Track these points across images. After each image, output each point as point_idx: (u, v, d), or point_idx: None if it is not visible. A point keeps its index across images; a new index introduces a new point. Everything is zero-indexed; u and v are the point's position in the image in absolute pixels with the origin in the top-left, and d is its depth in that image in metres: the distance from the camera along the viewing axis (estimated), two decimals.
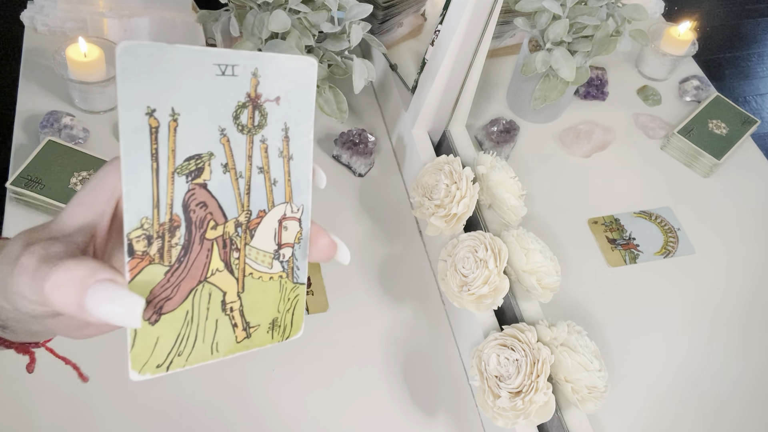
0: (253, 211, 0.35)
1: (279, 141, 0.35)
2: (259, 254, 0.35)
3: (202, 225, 0.33)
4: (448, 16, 0.84)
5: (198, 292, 0.33)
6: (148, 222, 0.31)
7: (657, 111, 1.08)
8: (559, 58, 0.89)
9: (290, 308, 0.38)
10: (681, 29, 1.09)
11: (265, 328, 0.36)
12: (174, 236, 0.32)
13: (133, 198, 0.30)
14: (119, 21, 1.00)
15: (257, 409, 0.72)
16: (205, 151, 0.32)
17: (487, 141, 0.96)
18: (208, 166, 0.32)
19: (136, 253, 0.31)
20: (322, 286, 0.82)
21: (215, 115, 0.32)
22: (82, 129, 0.89)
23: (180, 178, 0.31)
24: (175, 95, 0.30)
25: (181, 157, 0.31)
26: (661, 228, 0.91)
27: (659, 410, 0.76)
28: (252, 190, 0.34)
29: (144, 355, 0.32)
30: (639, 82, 1.12)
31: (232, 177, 0.33)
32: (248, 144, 0.34)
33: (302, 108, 0.35)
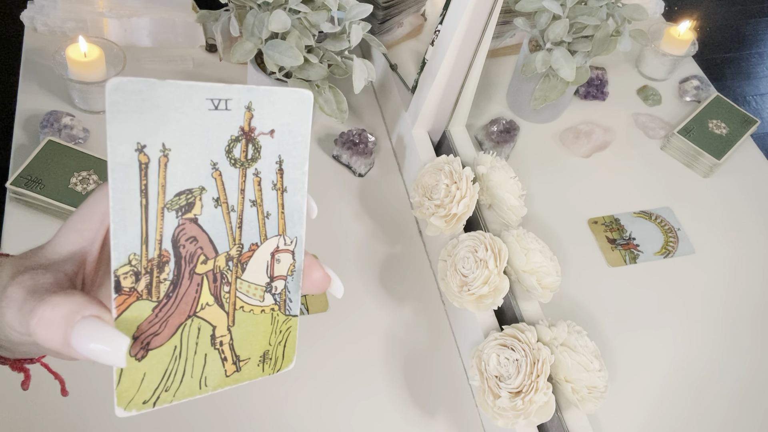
0: (245, 245, 0.34)
1: (273, 174, 0.35)
2: (251, 287, 0.35)
3: (192, 260, 0.32)
4: (448, 16, 0.84)
5: (187, 327, 0.33)
6: (136, 258, 0.30)
7: (657, 111, 1.08)
8: (559, 58, 0.89)
9: (282, 341, 0.38)
10: (681, 29, 1.09)
11: (255, 360, 0.37)
12: (162, 272, 0.31)
13: (121, 235, 0.30)
14: (119, 21, 1.00)
15: (257, 408, 0.72)
16: (196, 186, 0.32)
17: (487, 141, 0.96)
18: (199, 201, 0.32)
19: (123, 290, 0.30)
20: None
21: (207, 149, 0.32)
22: (82, 129, 0.89)
23: (170, 213, 0.31)
24: (166, 131, 0.30)
25: (172, 192, 0.31)
26: (661, 228, 0.91)
27: (659, 410, 0.76)
28: (244, 223, 0.34)
29: (130, 392, 0.31)
30: (639, 82, 1.12)
31: (224, 211, 0.33)
32: (241, 177, 0.33)
33: (297, 140, 0.36)
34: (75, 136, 0.87)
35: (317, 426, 0.72)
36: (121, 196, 0.29)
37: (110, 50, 0.91)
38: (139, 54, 1.02)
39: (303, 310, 0.80)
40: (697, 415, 0.76)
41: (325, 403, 0.74)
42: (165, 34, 1.03)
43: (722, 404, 0.77)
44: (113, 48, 0.92)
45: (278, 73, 0.86)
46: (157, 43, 1.04)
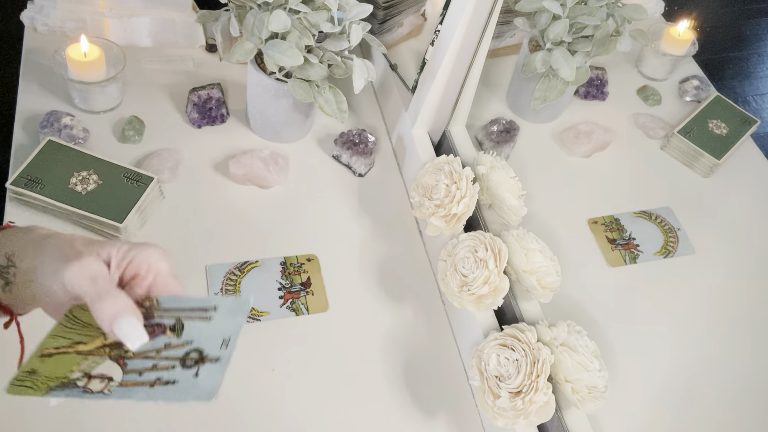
0: None
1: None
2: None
3: None
4: (448, 16, 0.84)
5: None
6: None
7: (657, 111, 1.08)
8: (559, 58, 0.89)
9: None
10: (681, 29, 1.09)
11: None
12: None
13: None
14: (119, 21, 1.00)
15: (257, 408, 0.72)
16: None
17: (487, 141, 0.96)
18: None
19: None
20: (322, 286, 0.82)
21: None
22: (82, 129, 0.89)
23: None
24: None
25: None
26: (661, 228, 0.91)
27: (659, 410, 0.76)
28: None
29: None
30: (639, 82, 1.12)
31: None
32: None
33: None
34: (75, 136, 0.87)
35: (317, 426, 0.72)
36: None
37: (110, 50, 0.91)
38: (139, 54, 1.02)
39: (303, 310, 0.80)
40: (696, 415, 0.76)
41: (325, 403, 0.74)
42: (165, 34, 1.03)
43: (721, 404, 0.77)
44: (113, 48, 0.92)
45: (278, 73, 0.86)
46: (157, 43, 1.04)
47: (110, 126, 0.92)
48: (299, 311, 0.80)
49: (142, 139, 0.92)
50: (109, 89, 0.91)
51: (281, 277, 0.82)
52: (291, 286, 0.82)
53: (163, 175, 0.87)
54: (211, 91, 0.95)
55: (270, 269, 0.83)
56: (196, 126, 0.95)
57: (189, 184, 0.89)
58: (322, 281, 0.83)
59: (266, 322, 0.78)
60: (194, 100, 0.94)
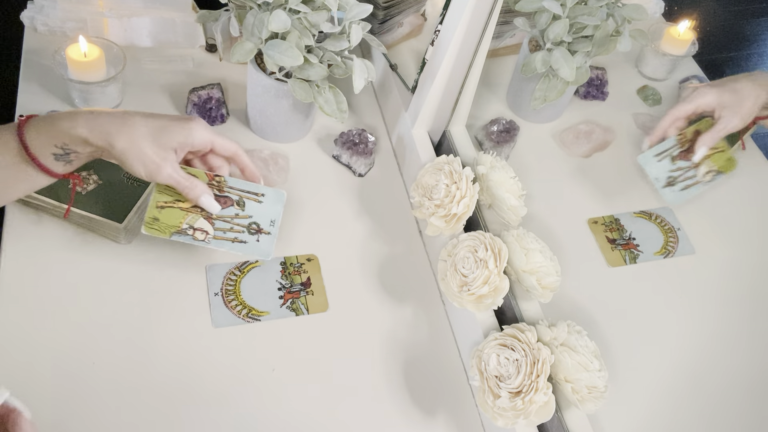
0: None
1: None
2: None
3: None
4: (448, 16, 0.84)
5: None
6: None
7: (657, 111, 1.08)
8: (559, 58, 0.89)
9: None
10: (681, 29, 1.09)
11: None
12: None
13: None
14: (119, 21, 1.00)
15: (257, 408, 0.72)
16: None
17: (487, 141, 0.96)
18: None
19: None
20: (322, 287, 0.82)
21: None
22: None
23: None
24: None
25: None
26: (661, 228, 0.91)
27: (659, 410, 0.76)
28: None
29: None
30: (639, 82, 1.12)
31: None
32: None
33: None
34: None
35: (317, 426, 0.72)
36: None
37: (110, 50, 0.91)
38: (139, 54, 1.02)
39: (303, 310, 0.80)
40: (696, 415, 0.76)
41: (325, 403, 0.74)
42: (165, 34, 1.03)
43: (722, 404, 0.77)
44: (113, 48, 0.92)
45: (278, 73, 0.86)
46: (157, 43, 1.04)
47: None
48: (299, 311, 0.80)
49: None
50: (109, 89, 0.91)
51: (281, 277, 0.82)
52: (291, 286, 0.82)
53: None
54: (211, 91, 0.95)
55: (270, 269, 0.83)
56: None
57: None
58: (322, 281, 0.83)
59: (266, 322, 0.78)
60: (194, 100, 0.94)
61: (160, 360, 0.73)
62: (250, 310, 0.79)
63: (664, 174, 0.87)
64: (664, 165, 0.86)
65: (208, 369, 0.74)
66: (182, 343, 0.75)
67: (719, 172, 0.88)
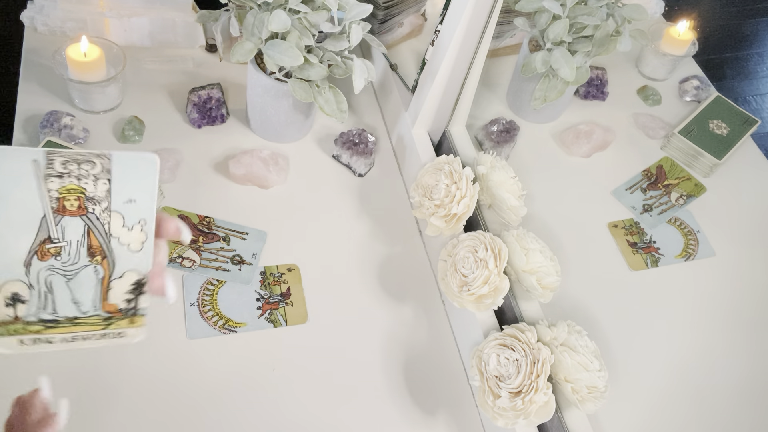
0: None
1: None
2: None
3: None
4: (448, 16, 0.84)
5: None
6: None
7: (657, 111, 1.08)
8: (559, 58, 0.89)
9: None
10: (681, 29, 1.09)
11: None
12: None
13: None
14: (119, 21, 1.00)
15: (257, 408, 0.72)
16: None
17: (487, 141, 0.96)
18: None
19: None
20: (302, 297, 0.81)
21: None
22: (82, 129, 0.89)
23: None
24: None
25: None
26: (681, 231, 0.91)
27: (659, 410, 0.76)
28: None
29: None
30: (639, 82, 1.12)
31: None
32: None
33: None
34: (75, 136, 0.87)
35: (317, 426, 0.72)
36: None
37: (110, 50, 0.91)
38: (139, 54, 1.02)
39: (281, 321, 0.79)
40: (697, 415, 0.76)
41: (325, 403, 0.74)
42: (165, 34, 1.03)
43: (723, 404, 0.77)
44: (113, 48, 0.92)
45: (278, 73, 0.86)
46: (157, 43, 1.04)
47: (110, 126, 0.92)
48: (277, 323, 0.79)
49: (142, 139, 0.92)
50: (109, 89, 0.91)
51: (260, 287, 0.81)
52: (270, 297, 0.80)
53: (163, 175, 0.87)
54: (211, 91, 0.95)
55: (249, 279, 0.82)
56: (196, 126, 0.95)
57: (189, 184, 0.89)
58: (303, 292, 0.82)
59: (242, 334, 0.78)
60: (194, 100, 0.94)
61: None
62: (227, 321, 0.77)
63: (639, 203, 0.91)
64: (637, 196, 0.89)
65: (208, 368, 0.74)
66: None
67: (690, 196, 0.90)
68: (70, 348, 0.43)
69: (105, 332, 0.44)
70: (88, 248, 0.42)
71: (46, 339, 0.43)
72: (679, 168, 1.00)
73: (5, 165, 0.39)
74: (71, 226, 0.41)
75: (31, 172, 0.40)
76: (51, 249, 0.41)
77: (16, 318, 0.41)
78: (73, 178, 0.41)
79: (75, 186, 0.41)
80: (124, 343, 0.44)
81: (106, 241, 0.42)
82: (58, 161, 0.40)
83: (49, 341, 0.43)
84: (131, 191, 0.42)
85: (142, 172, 0.42)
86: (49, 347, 0.43)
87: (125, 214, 0.42)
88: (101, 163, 0.41)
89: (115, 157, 0.41)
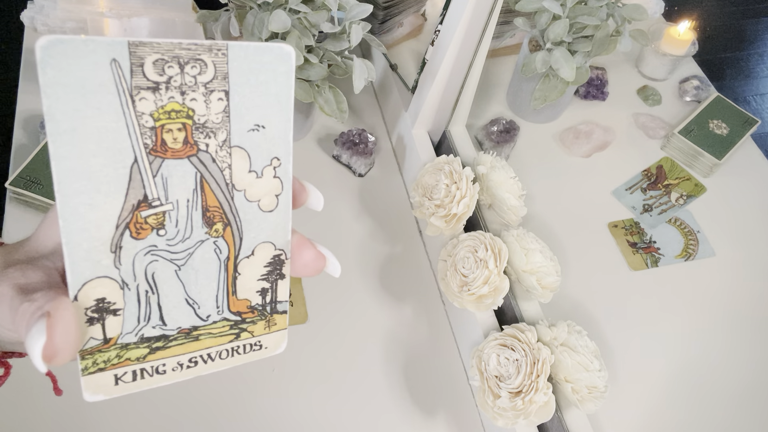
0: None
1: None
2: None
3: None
4: (448, 16, 0.83)
5: None
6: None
7: (657, 111, 1.08)
8: (559, 58, 0.89)
9: None
10: (681, 29, 1.09)
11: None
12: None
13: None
14: (119, 21, 1.00)
15: (257, 408, 0.72)
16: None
17: (487, 141, 0.96)
18: None
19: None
20: (302, 297, 0.82)
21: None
22: None
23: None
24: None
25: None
26: (681, 231, 0.91)
27: (659, 410, 0.76)
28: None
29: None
30: (639, 82, 1.12)
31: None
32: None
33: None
34: None
35: (317, 426, 0.72)
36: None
37: None
38: None
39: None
40: (697, 416, 0.76)
41: (325, 403, 0.74)
42: (165, 34, 1.03)
43: (723, 405, 0.77)
44: None
45: None
46: None
47: None
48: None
49: None
50: None
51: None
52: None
53: None
54: None
55: None
56: None
57: None
58: (302, 291, 0.81)
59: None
60: None
61: None
62: None
63: (639, 203, 0.91)
64: (637, 196, 0.89)
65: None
66: None
67: (690, 196, 0.90)
68: (188, 377, 0.30)
69: (236, 345, 0.30)
70: (203, 212, 0.27)
71: (154, 368, 0.28)
72: (679, 168, 1.00)
73: (71, 71, 0.23)
74: (176, 176, 0.26)
75: (111, 81, 0.23)
76: (150, 218, 0.26)
77: (107, 341, 0.27)
78: (173, 90, 0.25)
79: (178, 105, 0.25)
80: (264, 357, 0.31)
81: (229, 198, 0.27)
82: (150, 61, 0.24)
83: (159, 371, 0.29)
84: (259, 110, 0.26)
85: (272, 76, 0.26)
86: (159, 381, 0.29)
87: (251, 149, 0.27)
88: (214, 62, 0.25)
89: (233, 50, 0.25)
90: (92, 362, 0.26)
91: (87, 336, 0.26)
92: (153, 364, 0.28)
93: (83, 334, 0.26)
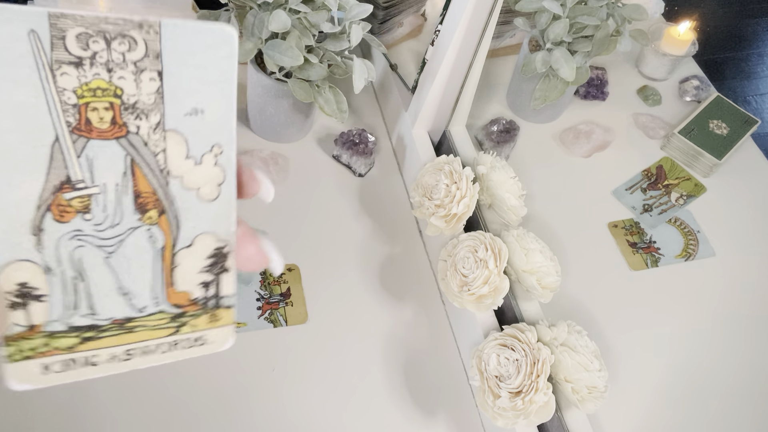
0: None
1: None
2: None
3: None
4: (448, 16, 0.83)
5: None
6: None
7: (657, 111, 1.08)
8: (559, 58, 0.89)
9: None
10: (681, 29, 1.09)
11: None
12: None
13: None
14: None
15: (256, 408, 0.72)
16: None
17: (487, 141, 0.96)
18: None
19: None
20: (302, 297, 0.82)
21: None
22: None
23: None
24: None
25: None
26: (681, 231, 0.91)
27: (659, 410, 0.76)
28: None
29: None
30: (639, 82, 1.12)
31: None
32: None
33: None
34: None
35: (317, 426, 0.72)
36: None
37: None
38: None
39: (281, 321, 0.79)
40: (697, 416, 0.76)
41: (325, 403, 0.74)
42: None
43: (724, 405, 0.77)
44: None
45: (278, 73, 0.86)
46: None
47: None
48: (277, 323, 0.79)
49: None
50: None
51: (260, 287, 0.81)
52: (270, 297, 0.80)
53: None
54: None
55: (249, 279, 0.82)
56: None
57: None
58: (302, 291, 0.81)
59: (242, 334, 0.78)
60: None
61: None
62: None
63: (639, 203, 0.91)
64: (637, 196, 0.89)
65: (207, 368, 0.74)
66: None
67: (690, 196, 0.90)
68: (124, 370, 0.29)
69: (176, 339, 0.28)
70: (135, 197, 0.25)
71: (86, 359, 0.27)
72: (679, 168, 1.00)
73: None
74: (103, 158, 0.24)
75: (29, 53, 0.22)
76: (74, 200, 0.24)
77: (32, 328, 0.26)
78: (99, 67, 0.23)
79: (104, 83, 0.24)
80: (208, 353, 0.30)
81: (163, 184, 0.26)
82: (72, 34, 0.23)
83: (91, 362, 0.28)
84: (197, 93, 0.25)
85: (212, 57, 0.25)
86: (91, 372, 0.28)
87: (188, 134, 0.26)
88: (145, 40, 0.23)
89: (166, 28, 0.24)
90: (17, 349, 0.25)
91: (9, 321, 0.25)
92: (84, 355, 0.27)
93: (5, 318, 0.25)
